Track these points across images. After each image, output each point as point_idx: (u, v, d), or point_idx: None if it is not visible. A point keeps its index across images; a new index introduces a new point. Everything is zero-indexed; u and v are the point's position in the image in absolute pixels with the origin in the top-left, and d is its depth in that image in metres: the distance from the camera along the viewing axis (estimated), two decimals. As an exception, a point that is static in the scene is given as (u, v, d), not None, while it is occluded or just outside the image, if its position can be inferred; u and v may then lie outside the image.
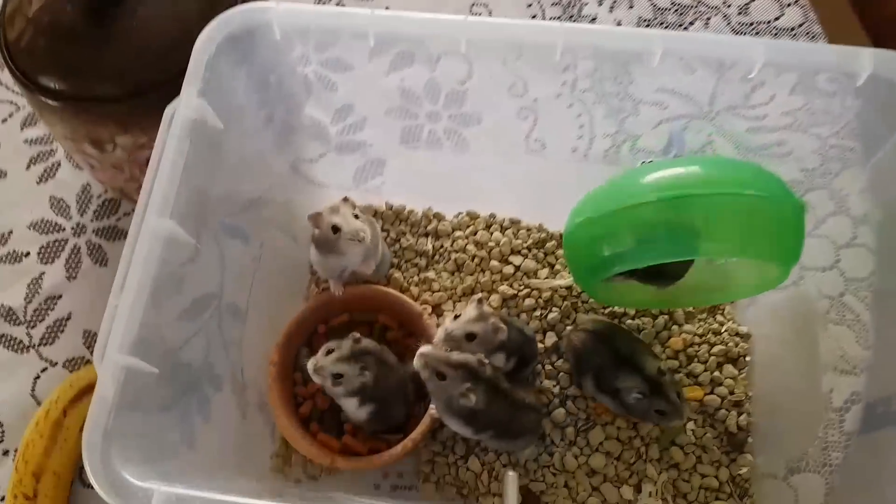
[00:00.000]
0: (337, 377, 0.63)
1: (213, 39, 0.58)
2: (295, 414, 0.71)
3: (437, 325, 0.75)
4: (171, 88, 0.57)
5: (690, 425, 0.73)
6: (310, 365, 0.63)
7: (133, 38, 0.63)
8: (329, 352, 0.64)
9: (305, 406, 0.73)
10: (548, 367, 0.75)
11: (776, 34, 1.00)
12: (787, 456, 0.71)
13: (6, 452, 0.76)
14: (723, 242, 0.57)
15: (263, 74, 0.68)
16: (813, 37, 0.99)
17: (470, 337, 0.63)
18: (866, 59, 0.57)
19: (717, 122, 0.74)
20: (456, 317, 0.65)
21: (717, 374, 0.75)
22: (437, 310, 0.78)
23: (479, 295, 0.66)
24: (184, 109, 0.55)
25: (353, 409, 0.66)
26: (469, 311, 0.65)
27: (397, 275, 0.79)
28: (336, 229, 0.66)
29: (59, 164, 0.92)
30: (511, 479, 0.60)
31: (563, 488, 0.71)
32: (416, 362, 0.60)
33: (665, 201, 0.55)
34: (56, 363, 0.80)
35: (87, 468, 0.47)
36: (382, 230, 0.82)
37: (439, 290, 0.79)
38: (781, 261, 0.60)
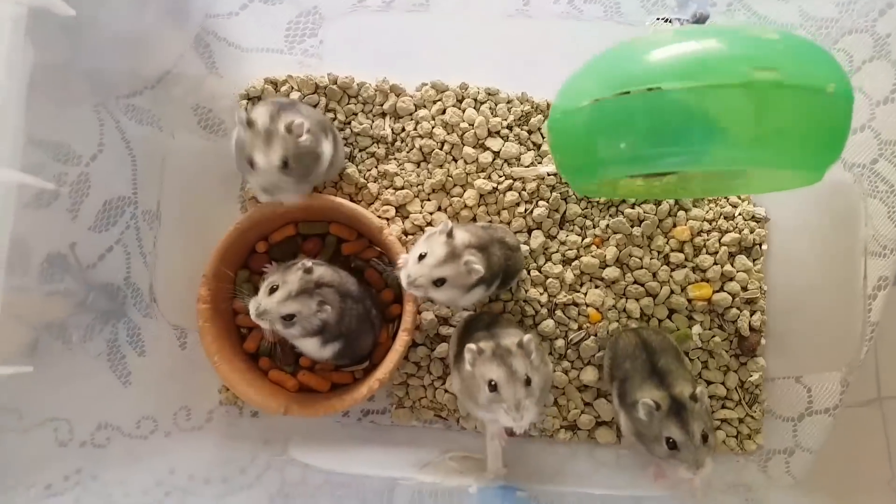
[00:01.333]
0: (288, 319, 0.52)
1: None
2: (238, 353, 0.61)
3: (404, 239, 0.63)
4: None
5: (696, 329, 0.64)
6: (252, 310, 0.51)
7: None
8: (273, 290, 0.52)
9: (251, 340, 0.62)
10: (534, 273, 0.64)
11: None
12: (804, 357, 0.64)
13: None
14: (746, 150, 0.43)
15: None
16: None
17: (439, 282, 0.51)
18: None
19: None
20: (421, 256, 0.51)
21: (728, 267, 0.65)
22: (402, 210, 0.65)
23: (445, 224, 0.52)
24: (9, 5, 0.38)
25: (315, 349, 0.55)
26: (435, 246, 0.51)
27: (351, 170, 0.65)
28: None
29: None
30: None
31: (553, 407, 0.63)
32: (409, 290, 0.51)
33: (678, 92, 0.41)
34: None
35: None
36: (327, 110, 0.67)
37: (403, 187, 0.65)
38: (816, 165, 0.47)
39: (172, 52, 0.63)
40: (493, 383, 0.48)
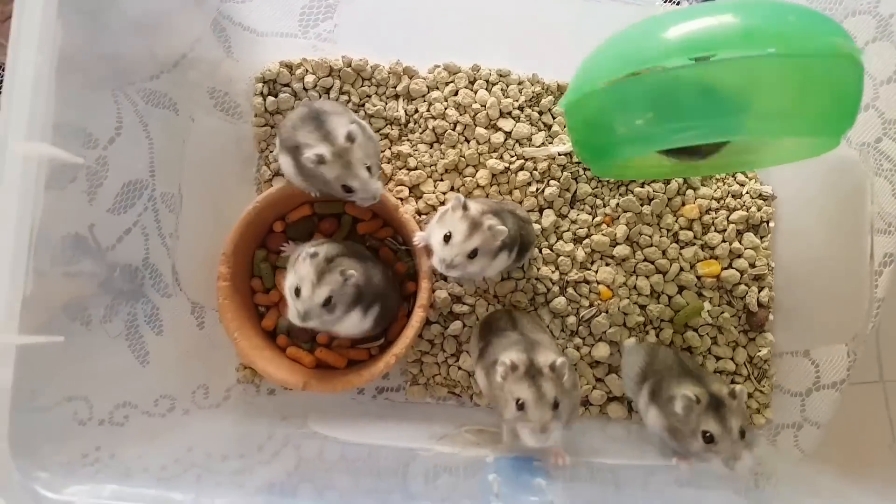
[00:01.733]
0: (327, 304, 0.52)
1: None
2: (257, 330, 0.62)
3: (417, 218, 0.64)
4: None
5: (707, 305, 0.65)
6: (295, 319, 0.52)
7: None
8: (297, 291, 0.52)
9: (269, 318, 0.63)
10: (545, 251, 0.65)
11: None
12: (811, 332, 0.65)
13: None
14: (767, 120, 0.44)
15: None
16: None
17: (472, 254, 0.52)
18: None
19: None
20: (446, 237, 0.52)
21: (736, 244, 0.66)
22: (416, 191, 0.66)
23: (458, 199, 0.52)
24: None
25: (358, 321, 0.55)
26: (455, 222, 0.52)
27: (364, 149, 0.66)
28: (348, 190, 0.54)
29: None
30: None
31: (566, 384, 0.64)
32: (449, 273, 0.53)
33: (694, 69, 0.42)
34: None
35: None
36: (342, 92, 0.67)
37: (416, 168, 0.66)
38: (834, 131, 0.48)
39: (189, 36, 0.64)
40: (520, 402, 0.48)
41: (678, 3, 0.59)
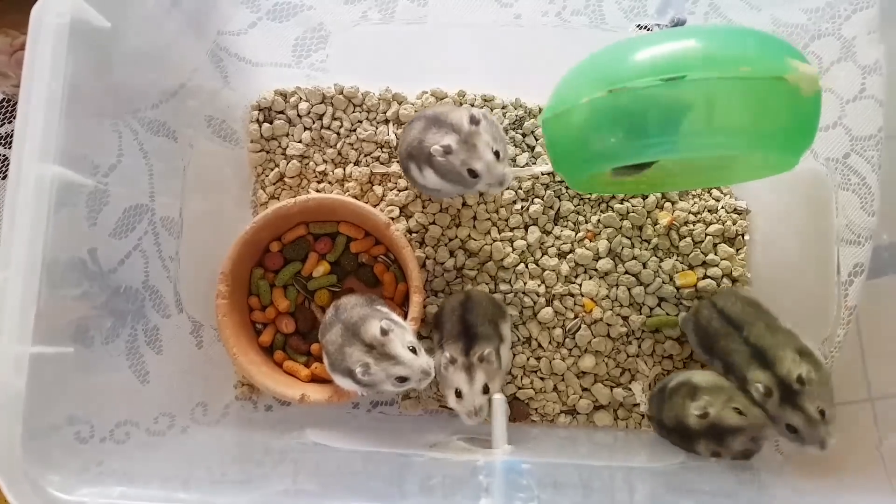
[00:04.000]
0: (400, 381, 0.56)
1: None
2: (254, 346, 0.64)
3: (408, 236, 0.67)
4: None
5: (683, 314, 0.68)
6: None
7: None
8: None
9: (266, 334, 0.65)
10: (531, 266, 0.68)
11: None
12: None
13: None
14: (726, 136, 0.47)
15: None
16: None
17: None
18: None
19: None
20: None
21: (712, 255, 0.69)
22: (406, 210, 0.69)
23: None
24: (53, 15, 0.42)
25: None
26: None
27: (357, 172, 0.69)
28: (474, 174, 0.56)
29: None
30: (498, 402, 0.55)
31: (552, 392, 0.67)
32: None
33: (661, 88, 0.45)
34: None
35: (6, 490, 0.40)
36: (334, 119, 0.71)
37: (406, 188, 0.69)
38: (792, 150, 0.51)
39: (187, 67, 0.67)
40: (458, 391, 0.57)
41: (649, 29, 0.63)
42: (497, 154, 0.56)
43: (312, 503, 0.44)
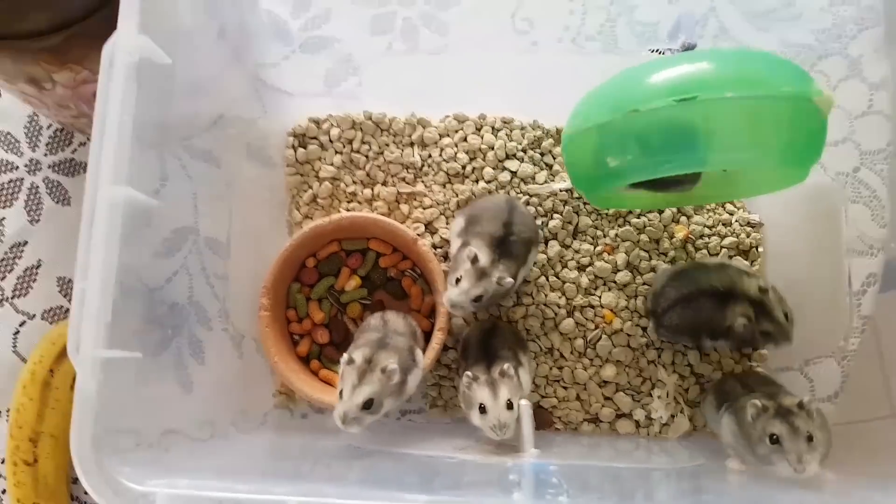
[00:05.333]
0: (367, 406, 0.57)
1: (148, -39, 0.48)
2: (293, 356, 0.68)
3: (434, 251, 0.71)
4: (106, 13, 0.49)
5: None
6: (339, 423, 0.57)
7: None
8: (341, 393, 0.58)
9: (303, 344, 0.70)
10: (552, 278, 0.71)
11: None
12: (803, 348, 0.69)
13: (-1, 412, 0.73)
14: (736, 153, 0.51)
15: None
16: None
17: (477, 300, 0.60)
18: None
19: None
20: (457, 280, 0.60)
21: (728, 268, 0.71)
22: (431, 227, 0.73)
23: (469, 251, 0.60)
24: (124, 54, 0.47)
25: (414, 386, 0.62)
26: (465, 270, 0.60)
27: (385, 192, 0.73)
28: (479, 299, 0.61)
29: (-2, 95, 0.82)
30: (525, 407, 0.58)
31: (576, 401, 0.70)
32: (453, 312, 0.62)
33: (673, 109, 0.49)
34: (34, 315, 0.76)
35: (83, 481, 0.44)
36: (363, 143, 0.75)
37: (431, 206, 0.73)
38: (803, 164, 0.54)
39: (228, 97, 0.72)
40: (482, 406, 0.58)
41: (661, 52, 0.67)
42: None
43: (363, 492, 0.47)
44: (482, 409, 0.58)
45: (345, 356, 0.57)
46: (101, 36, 0.49)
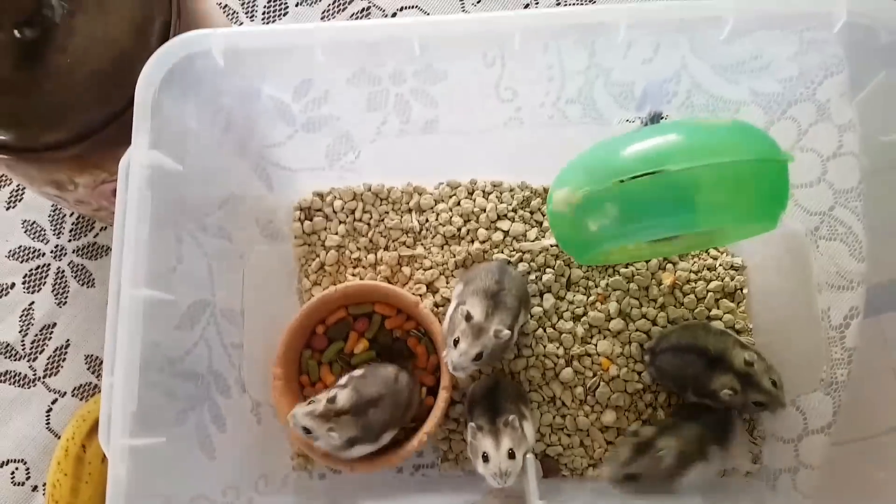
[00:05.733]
0: (306, 431, 0.64)
1: (155, 78, 0.54)
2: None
3: (434, 310, 0.75)
4: (122, 123, 0.54)
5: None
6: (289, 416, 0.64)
7: (69, 75, 0.58)
8: (331, 400, 0.64)
9: (316, 409, 0.73)
10: (549, 330, 0.75)
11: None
12: (793, 383, 0.72)
13: (35, 488, 0.77)
14: (708, 215, 0.55)
15: (214, 97, 0.64)
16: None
17: (478, 357, 0.63)
18: (841, 8, 0.54)
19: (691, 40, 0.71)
20: (455, 342, 0.64)
21: (715, 310, 0.75)
22: (432, 287, 0.78)
23: (462, 309, 0.64)
24: (138, 168, 0.53)
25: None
26: (462, 331, 0.64)
27: (387, 256, 0.78)
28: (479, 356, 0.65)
29: (23, 188, 0.89)
30: (530, 461, 0.62)
31: (580, 447, 0.73)
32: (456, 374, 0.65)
33: (647, 180, 0.53)
34: (65, 393, 0.81)
35: None
36: (364, 212, 0.80)
37: (431, 267, 0.78)
38: (769, 217, 0.59)
39: (237, 178, 0.77)
40: (485, 455, 0.62)
41: (630, 122, 0.72)
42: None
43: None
44: (485, 458, 0.62)
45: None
46: (120, 142, 0.55)
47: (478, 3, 0.91)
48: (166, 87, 0.55)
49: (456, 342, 0.63)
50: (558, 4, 0.92)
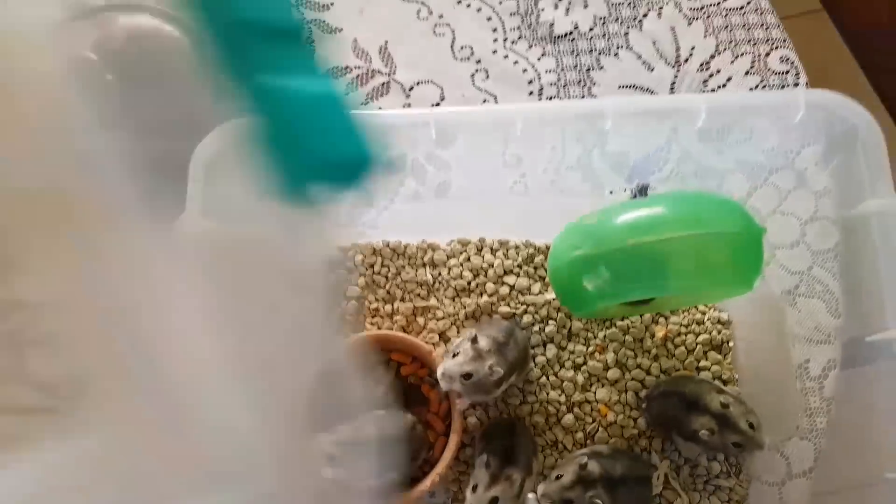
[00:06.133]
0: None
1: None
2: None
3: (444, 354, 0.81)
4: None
5: (686, 413, 0.80)
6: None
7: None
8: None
9: (337, 450, 0.79)
10: (552, 378, 0.82)
11: (726, 15, 1.04)
12: (776, 431, 0.78)
13: None
14: (690, 279, 0.63)
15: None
16: (761, 13, 1.04)
17: (466, 377, 0.69)
18: (800, 100, 0.63)
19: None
20: (454, 355, 0.70)
21: (703, 362, 0.82)
22: (444, 336, 0.84)
23: (472, 332, 0.71)
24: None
25: None
26: (464, 349, 0.70)
27: (403, 307, 0.85)
28: (468, 376, 0.69)
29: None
30: (531, 500, 0.67)
31: (580, 488, 0.78)
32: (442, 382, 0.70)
33: (636, 246, 0.61)
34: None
35: None
36: (383, 266, 0.88)
37: (443, 318, 0.85)
38: (745, 282, 0.66)
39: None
40: (475, 487, 0.67)
41: (624, 191, 0.81)
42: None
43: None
44: (474, 489, 0.68)
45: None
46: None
47: (486, 79, 1.00)
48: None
49: (455, 355, 0.70)
50: (558, 80, 1.01)
